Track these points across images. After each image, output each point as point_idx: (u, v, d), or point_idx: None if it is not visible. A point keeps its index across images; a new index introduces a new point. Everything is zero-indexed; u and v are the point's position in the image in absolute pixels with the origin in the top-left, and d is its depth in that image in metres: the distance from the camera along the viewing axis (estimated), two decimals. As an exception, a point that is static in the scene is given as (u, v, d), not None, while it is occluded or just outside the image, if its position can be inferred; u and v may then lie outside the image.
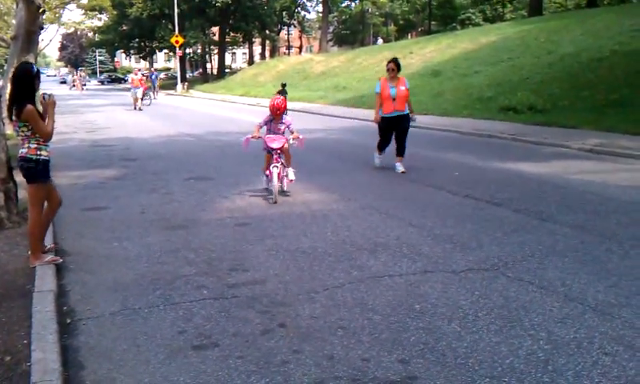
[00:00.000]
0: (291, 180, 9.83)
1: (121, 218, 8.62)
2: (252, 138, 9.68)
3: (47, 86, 72.21)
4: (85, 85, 69.51)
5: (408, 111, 11.99)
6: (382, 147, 12.38)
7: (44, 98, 6.37)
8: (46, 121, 6.19)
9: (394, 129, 11.96)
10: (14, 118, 6.06)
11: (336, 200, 9.38)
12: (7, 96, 6.41)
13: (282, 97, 9.89)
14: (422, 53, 39.70)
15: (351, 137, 18.50)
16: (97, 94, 55.21)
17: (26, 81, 6.10)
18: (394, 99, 11.72)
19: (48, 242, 6.99)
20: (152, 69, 68.68)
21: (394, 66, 11.93)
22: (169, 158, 14.58)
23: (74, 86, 68.57)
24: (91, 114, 30.43)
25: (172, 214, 8.78)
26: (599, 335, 4.57)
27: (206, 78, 72.99)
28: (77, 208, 9.29)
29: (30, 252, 6.37)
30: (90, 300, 5.52)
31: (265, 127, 9.94)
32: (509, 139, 16.52)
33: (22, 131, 6.17)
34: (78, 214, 8.90)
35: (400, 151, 12.04)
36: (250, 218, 8.35)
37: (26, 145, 6.17)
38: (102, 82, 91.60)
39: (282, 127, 9.84)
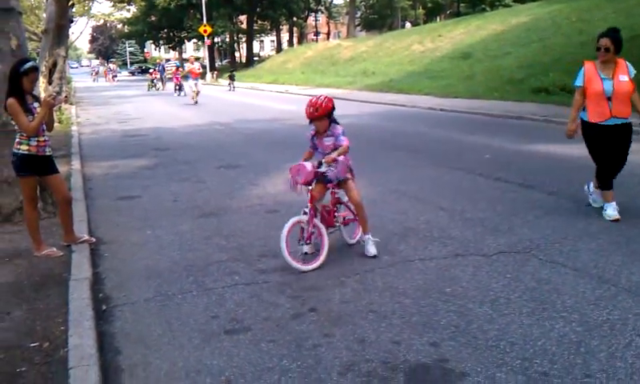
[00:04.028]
0: (373, 255, 6.10)
1: (153, 206, 8.75)
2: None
3: (80, 78, 73.21)
4: (116, 76, 70.33)
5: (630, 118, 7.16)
6: (604, 181, 7.25)
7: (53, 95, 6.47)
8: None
9: (608, 145, 7.16)
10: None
11: (365, 185, 9.34)
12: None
13: (323, 95, 6.10)
14: (452, 35, 39.29)
15: (379, 122, 18.43)
16: (128, 85, 55.80)
17: (12, 77, 6.19)
18: (609, 98, 7.00)
19: (82, 230, 7.14)
20: (159, 60, 68.53)
21: (610, 42, 7.05)
22: (199, 147, 14.70)
23: (97, 75, 69.39)
24: (122, 104, 30.78)
25: (203, 202, 8.87)
26: (633, 317, 4.51)
27: (234, 66, 73.23)
28: (110, 197, 9.46)
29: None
30: (124, 287, 5.63)
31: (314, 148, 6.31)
32: (541, 121, 16.31)
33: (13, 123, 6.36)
34: (112, 204, 9.06)
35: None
36: (279, 204, 8.39)
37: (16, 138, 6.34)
38: (133, 73, 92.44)
39: (329, 142, 6.06)
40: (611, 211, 7.08)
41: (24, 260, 6.31)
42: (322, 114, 5.91)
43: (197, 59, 34.19)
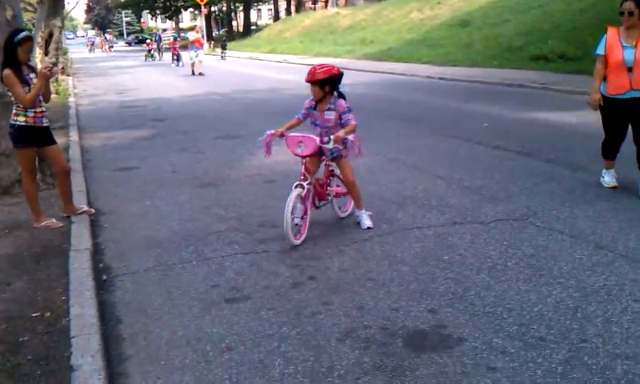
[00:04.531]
0: (368, 227, 6.07)
1: (152, 177, 8.76)
2: (274, 135, 5.92)
3: (77, 48, 72.68)
4: (112, 46, 69.90)
5: None
6: (608, 151, 7.02)
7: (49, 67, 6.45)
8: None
9: (627, 119, 6.75)
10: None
11: (363, 154, 9.34)
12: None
13: (326, 64, 5.96)
14: (451, 3, 38.83)
15: (377, 91, 18.35)
16: (124, 56, 55.41)
17: (7, 47, 6.15)
18: (629, 69, 6.52)
19: (81, 201, 7.15)
20: (156, 30, 67.70)
21: (634, 5, 6.45)
22: (198, 117, 14.66)
23: (93, 46, 68.88)
24: (120, 75, 30.61)
25: (202, 172, 8.88)
26: (629, 282, 4.55)
27: (232, 35, 72.61)
28: (108, 168, 9.47)
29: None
30: (124, 257, 5.67)
31: (309, 116, 6.03)
32: (539, 89, 16.25)
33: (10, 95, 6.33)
34: (110, 175, 9.07)
35: None
36: (277, 174, 8.40)
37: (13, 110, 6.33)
38: (129, 44, 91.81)
39: (332, 117, 5.86)
40: (609, 178, 7.02)
41: (24, 231, 6.34)
42: (313, 80, 5.70)
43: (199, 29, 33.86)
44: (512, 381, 3.39)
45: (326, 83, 5.74)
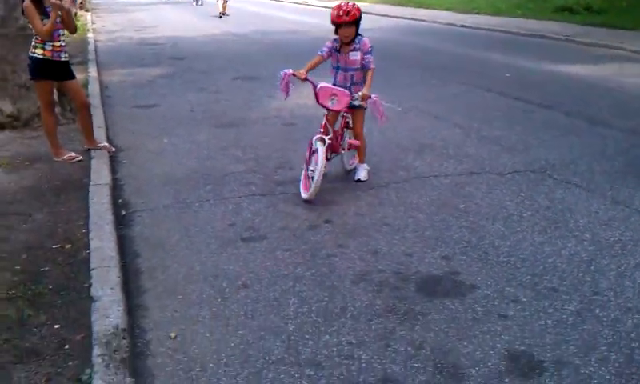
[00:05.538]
0: (359, 179, 5.89)
1: (170, 115, 8.77)
2: (293, 75, 5.51)
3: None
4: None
5: None
6: None
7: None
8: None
9: None
10: None
11: (386, 119, 9.25)
12: None
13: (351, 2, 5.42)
14: (476, -52, 37.91)
15: (396, 36, 18.08)
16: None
17: None
18: None
19: (101, 137, 7.19)
20: None
21: None
22: (216, 57, 14.55)
23: None
24: (138, 12, 30.26)
25: (220, 112, 8.88)
26: (644, 238, 4.56)
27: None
28: (127, 105, 9.48)
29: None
30: (143, 193, 5.74)
31: (330, 59, 5.70)
32: (563, 41, 15.97)
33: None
34: (128, 112, 9.09)
35: None
36: (296, 117, 8.39)
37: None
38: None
39: (357, 57, 5.56)
40: None
41: (44, 164, 6.40)
42: (352, 20, 5.29)
43: None
44: (522, 329, 3.44)
45: (359, 22, 5.41)
